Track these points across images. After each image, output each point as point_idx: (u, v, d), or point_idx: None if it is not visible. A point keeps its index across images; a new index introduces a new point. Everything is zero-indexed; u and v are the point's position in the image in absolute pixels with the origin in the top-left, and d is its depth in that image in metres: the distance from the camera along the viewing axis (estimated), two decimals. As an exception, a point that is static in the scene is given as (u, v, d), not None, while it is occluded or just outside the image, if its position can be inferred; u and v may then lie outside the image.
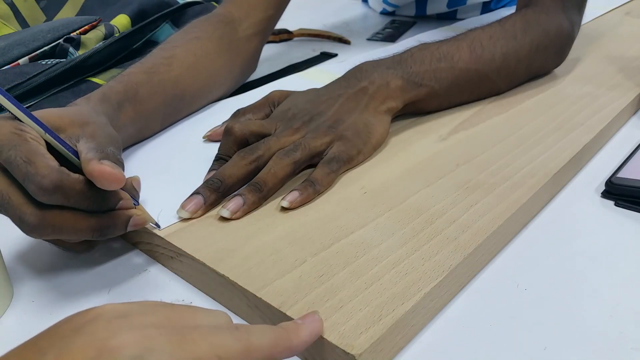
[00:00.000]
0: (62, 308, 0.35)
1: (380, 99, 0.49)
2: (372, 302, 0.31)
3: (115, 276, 0.38)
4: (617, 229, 0.41)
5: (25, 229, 0.33)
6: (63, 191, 0.32)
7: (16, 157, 0.31)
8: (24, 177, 0.31)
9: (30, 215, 0.32)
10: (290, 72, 0.72)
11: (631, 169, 0.45)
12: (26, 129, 0.33)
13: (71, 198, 0.32)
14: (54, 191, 0.31)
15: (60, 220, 0.33)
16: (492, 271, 0.37)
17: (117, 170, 0.32)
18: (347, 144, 0.45)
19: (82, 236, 0.34)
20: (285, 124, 0.46)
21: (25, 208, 0.32)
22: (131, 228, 0.36)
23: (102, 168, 0.32)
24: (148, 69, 0.53)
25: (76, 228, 0.33)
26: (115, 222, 0.35)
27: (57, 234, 0.33)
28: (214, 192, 0.40)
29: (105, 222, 0.35)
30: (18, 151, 0.32)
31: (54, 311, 0.35)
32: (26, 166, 0.31)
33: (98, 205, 0.34)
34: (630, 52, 0.71)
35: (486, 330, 0.32)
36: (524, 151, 0.47)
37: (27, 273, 0.38)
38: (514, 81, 0.59)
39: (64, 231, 0.33)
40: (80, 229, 0.34)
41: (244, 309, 0.33)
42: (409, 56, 0.52)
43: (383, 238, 0.37)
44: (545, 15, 0.59)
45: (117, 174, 0.32)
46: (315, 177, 0.42)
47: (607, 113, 0.54)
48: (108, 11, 0.76)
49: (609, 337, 0.31)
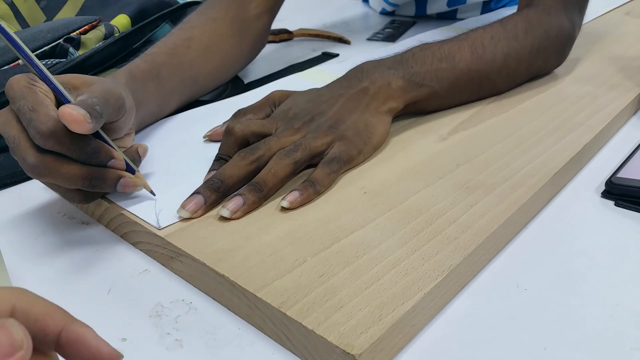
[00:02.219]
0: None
1: (381, 99, 0.49)
2: (372, 302, 0.31)
3: (115, 276, 0.38)
4: (617, 229, 0.41)
5: (26, 168, 0.37)
6: (57, 137, 0.36)
7: (24, 105, 0.37)
8: (28, 123, 0.36)
9: (31, 157, 0.37)
10: (291, 72, 0.72)
11: (631, 169, 0.45)
12: (38, 83, 0.38)
13: (64, 145, 0.37)
14: (49, 136, 0.36)
15: (54, 165, 0.37)
16: (492, 271, 0.37)
17: (77, 112, 0.35)
18: (348, 144, 0.45)
19: (73, 183, 0.38)
20: (286, 124, 0.46)
21: (29, 150, 0.37)
22: (121, 188, 0.40)
23: (63, 109, 0.35)
24: (170, 50, 0.56)
25: (68, 174, 0.37)
26: (105, 176, 0.39)
27: (51, 177, 0.37)
28: (214, 192, 0.40)
29: (96, 174, 0.38)
30: (27, 101, 0.37)
31: (54, 311, 0.35)
32: (30, 113, 0.36)
33: (88, 156, 0.38)
34: (630, 52, 0.71)
35: (486, 330, 0.32)
36: (524, 151, 0.47)
37: (27, 273, 0.38)
38: (514, 81, 0.60)
39: (57, 175, 0.37)
40: (71, 175, 0.38)
41: (244, 309, 0.33)
42: (410, 56, 0.52)
43: (383, 238, 0.37)
44: (547, 16, 0.59)
45: (75, 115, 0.35)
46: (315, 177, 0.42)
47: (607, 113, 0.54)
48: (108, 11, 0.75)
49: (609, 337, 0.31)
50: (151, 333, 0.33)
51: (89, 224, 0.43)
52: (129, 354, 0.31)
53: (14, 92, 0.38)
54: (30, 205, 0.46)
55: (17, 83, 0.38)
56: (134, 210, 0.40)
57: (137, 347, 0.32)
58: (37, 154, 0.37)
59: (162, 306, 0.35)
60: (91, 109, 0.36)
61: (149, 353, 0.31)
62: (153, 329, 0.33)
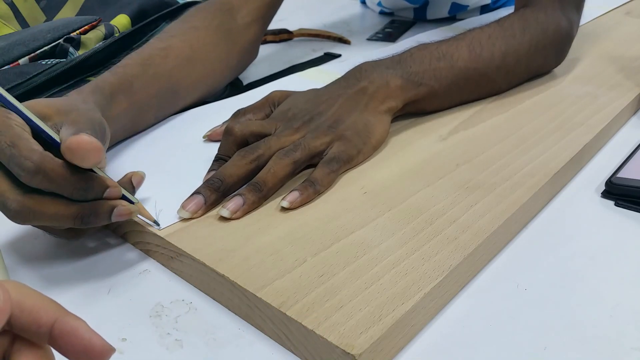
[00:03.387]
0: (62, 308, 0.35)
1: (380, 98, 0.49)
2: (372, 302, 0.31)
3: (115, 276, 0.38)
4: (617, 229, 0.41)
5: (8, 215, 0.34)
6: (45, 173, 0.32)
7: (1, 141, 0.33)
8: (9, 160, 0.32)
9: (13, 202, 0.33)
10: (292, 72, 0.72)
11: (631, 169, 0.45)
12: (12, 117, 0.34)
13: (53, 181, 0.33)
14: (36, 172, 0.32)
15: (40, 206, 0.33)
16: (492, 271, 0.37)
17: (95, 141, 0.32)
18: (347, 144, 0.45)
19: (63, 223, 0.34)
20: (286, 124, 0.46)
21: (8, 194, 0.33)
22: (116, 218, 0.35)
23: (80, 137, 0.32)
24: (144, 61, 0.52)
25: (57, 215, 0.34)
26: (98, 210, 0.35)
27: (38, 220, 0.34)
28: (214, 192, 0.40)
29: (87, 210, 0.34)
30: (3, 136, 0.33)
31: (54, 311, 0.35)
32: (10, 149, 0.32)
33: (82, 191, 0.34)
34: (630, 52, 0.71)
35: (486, 330, 0.32)
36: (524, 151, 0.47)
37: (27, 273, 0.38)
38: (513, 80, 0.60)
39: (44, 217, 0.34)
40: (60, 215, 0.34)
41: (244, 309, 0.33)
42: (409, 56, 0.53)
43: (383, 238, 0.37)
44: (544, 15, 0.59)
45: (94, 143, 0.32)
46: (315, 177, 0.42)
47: (607, 113, 0.54)
48: (108, 11, 0.75)
49: (609, 337, 0.31)
50: (151, 333, 0.33)
51: (89, 224, 0.43)
52: (129, 353, 0.31)
53: None
54: (30, 205, 0.46)
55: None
56: (134, 210, 0.40)
57: (137, 347, 0.32)
58: (19, 197, 0.33)
59: (162, 306, 0.35)
60: None
61: (149, 353, 0.31)
62: (153, 328, 0.33)
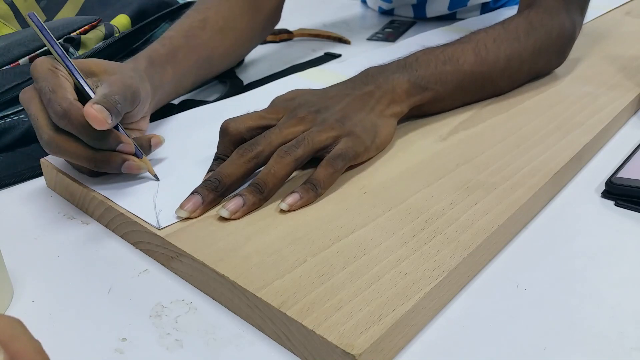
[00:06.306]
0: (62, 308, 0.35)
1: (386, 102, 0.49)
2: (372, 302, 0.31)
3: (115, 276, 0.38)
4: (617, 229, 0.41)
5: (42, 143, 0.41)
6: (69, 119, 0.40)
7: (45, 87, 0.41)
8: (47, 103, 0.40)
9: (45, 134, 0.41)
10: (292, 72, 0.72)
11: (631, 169, 0.45)
12: (60, 67, 0.42)
13: (75, 126, 0.40)
14: (63, 116, 0.40)
15: (64, 144, 0.41)
16: (492, 271, 0.37)
17: (102, 114, 0.39)
18: (356, 140, 0.45)
19: (81, 162, 0.42)
20: (290, 113, 0.45)
21: (45, 128, 0.41)
22: (125, 170, 0.43)
23: (88, 110, 0.39)
24: (186, 32, 0.59)
25: (75, 154, 0.41)
26: (109, 160, 0.42)
27: (62, 154, 0.42)
28: (211, 192, 0.40)
29: (101, 156, 0.42)
30: (48, 83, 0.41)
31: (54, 311, 0.35)
32: (50, 94, 0.40)
33: (97, 140, 0.41)
34: (630, 52, 0.71)
35: (486, 330, 0.32)
36: (524, 151, 0.47)
37: (27, 273, 0.38)
38: (516, 82, 0.60)
39: (66, 153, 0.42)
40: (78, 155, 0.42)
41: (244, 309, 0.33)
42: (414, 60, 0.52)
43: (383, 238, 0.37)
44: (549, 17, 0.59)
45: (99, 118, 0.39)
46: (317, 178, 0.41)
47: (607, 113, 0.54)
48: (108, 11, 0.75)
49: (609, 337, 0.31)
50: (151, 333, 0.33)
51: (89, 224, 0.43)
52: (129, 354, 0.31)
53: (38, 73, 0.41)
54: (30, 205, 0.46)
55: (41, 65, 0.42)
56: (134, 210, 0.40)
57: (137, 347, 0.32)
58: (51, 132, 0.41)
59: (162, 306, 0.35)
60: (112, 108, 0.40)
61: (149, 353, 0.31)
62: (153, 329, 0.33)
